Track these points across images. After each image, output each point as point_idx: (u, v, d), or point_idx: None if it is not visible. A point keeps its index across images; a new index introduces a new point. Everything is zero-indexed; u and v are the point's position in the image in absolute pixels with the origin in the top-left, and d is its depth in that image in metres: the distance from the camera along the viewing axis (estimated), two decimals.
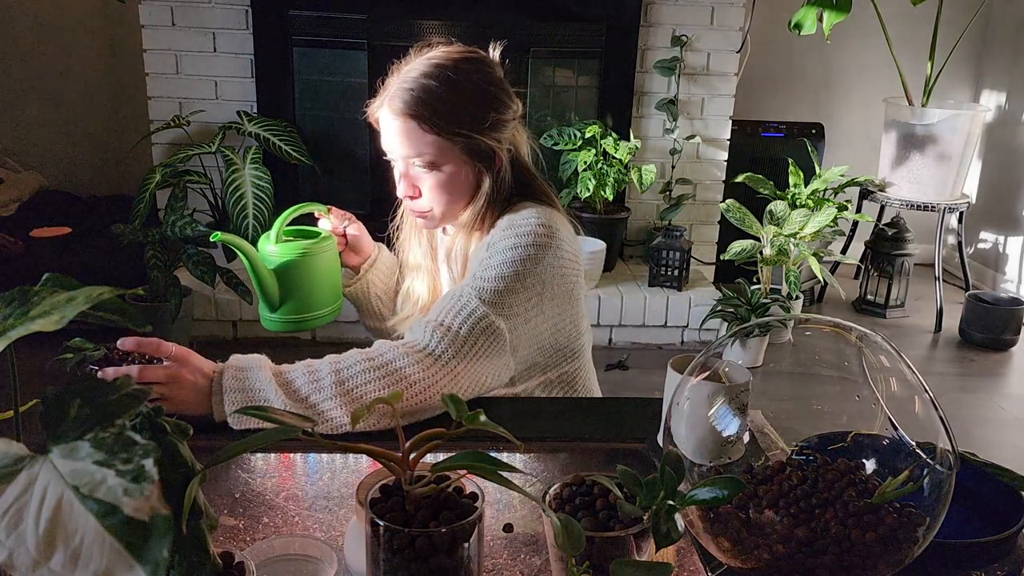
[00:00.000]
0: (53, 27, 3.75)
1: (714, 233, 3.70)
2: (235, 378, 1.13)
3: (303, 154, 3.24)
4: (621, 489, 0.79)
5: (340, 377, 1.11)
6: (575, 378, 1.37)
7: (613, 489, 0.78)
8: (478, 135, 1.27)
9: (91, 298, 0.50)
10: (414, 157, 1.28)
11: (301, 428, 0.66)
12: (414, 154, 1.27)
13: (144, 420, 0.56)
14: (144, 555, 0.43)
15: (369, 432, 1.10)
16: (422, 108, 1.25)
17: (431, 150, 1.26)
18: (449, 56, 1.28)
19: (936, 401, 0.80)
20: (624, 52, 3.43)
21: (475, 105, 1.27)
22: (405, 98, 1.25)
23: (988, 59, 4.08)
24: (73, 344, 1.06)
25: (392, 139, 1.28)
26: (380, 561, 0.67)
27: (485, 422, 0.70)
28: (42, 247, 3.27)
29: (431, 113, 1.25)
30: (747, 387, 0.95)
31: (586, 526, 0.74)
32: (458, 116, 1.26)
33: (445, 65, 1.27)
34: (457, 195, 1.31)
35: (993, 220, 4.06)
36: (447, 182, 1.29)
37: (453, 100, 1.26)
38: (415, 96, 1.25)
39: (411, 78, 1.26)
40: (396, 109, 1.26)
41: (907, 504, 0.79)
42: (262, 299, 1.32)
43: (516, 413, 1.26)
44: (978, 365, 3.33)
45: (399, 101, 1.25)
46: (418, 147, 1.26)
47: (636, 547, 0.75)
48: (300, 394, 1.11)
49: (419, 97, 1.25)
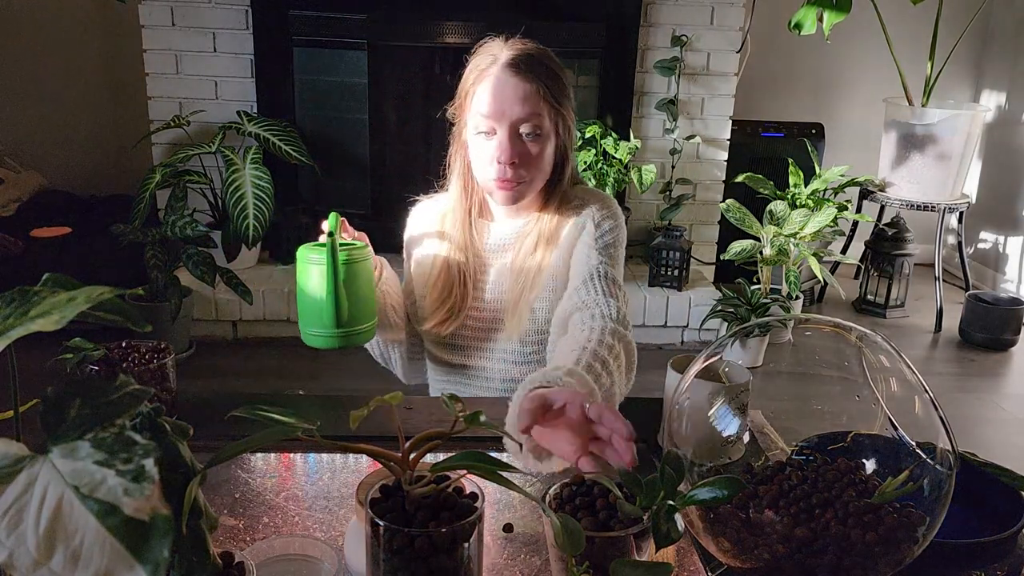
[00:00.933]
0: (53, 27, 3.75)
1: (714, 233, 3.70)
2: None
3: (303, 154, 3.24)
4: (621, 489, 0.79)
5: (606, 368, 1.08)
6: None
7: (613, 489, 0.78)
8: (572, 113, 1.35)
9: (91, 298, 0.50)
10: (527, 121, 1.29)
11: (300, 428, 0.66)
12: (529, 116, 1.28)
13: (144, 420, 0.56)
14: (144, 555, 0.43)
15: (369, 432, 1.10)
16: (542, 73, 1.29)
17: (543, 116, 1.30)
18: (546, 48, 1.36)
19: (936, 401, 0.80)
20: (624, 52, 3.43)
21: (567, 84, 1.35)
22: (528, 60, 1.29)
23: (988, 59, 4.08)
24: (73, 344, 1.06)
25: (508, 99, 1.28)
26: (380, 561, 0.67)
27: (485, 422, 0.70)
28: (42, 247, 3.27)
29: (549, 80, 1.30)
30: (747, 387, 0.95)
31: (586, 526, 0.74)
32: (565, 90, 1.33)
33: (540, 46, 1.34)
34: (549, 170, 1.36)
35: (993, 220, 4.06)
36: (549, 154, 1.34)
37: (561, 74, 1.33)
38: (535, 61, 1.29)
39: (523, 47, 1.31)
40: (517, 70, 1.28)
41: (907, 504, 0.79)
42: (326, 313, 1.18)
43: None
44: (978, 365, 3.33)
45: (522, 63, 1.28)
46: (534, 110, 1.28)
47: (636, 547, 0.75)
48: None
49: (538, 63, 1.30)
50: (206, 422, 1.11)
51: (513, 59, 1.28)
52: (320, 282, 1.17)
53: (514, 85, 1.27)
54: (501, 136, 1.29)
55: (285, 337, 3.22)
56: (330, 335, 1.19)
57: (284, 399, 1.50)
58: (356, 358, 1.64)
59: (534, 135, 1.29)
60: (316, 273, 1.17)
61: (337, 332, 1.19)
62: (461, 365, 1.43)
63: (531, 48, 1.32)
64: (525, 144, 1.30)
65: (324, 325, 1.19)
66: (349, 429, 0.66)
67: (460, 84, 1.35)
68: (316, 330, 1.20)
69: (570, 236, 1.36)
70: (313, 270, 1.18)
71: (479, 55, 1.33)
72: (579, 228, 1.36)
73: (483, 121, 1.29)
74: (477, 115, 1.30)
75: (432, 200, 1.48)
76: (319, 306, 1.18)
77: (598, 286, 1.27)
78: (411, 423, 1.17)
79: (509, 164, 1.29)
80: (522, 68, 1.28)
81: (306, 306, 1.20)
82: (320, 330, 1.19)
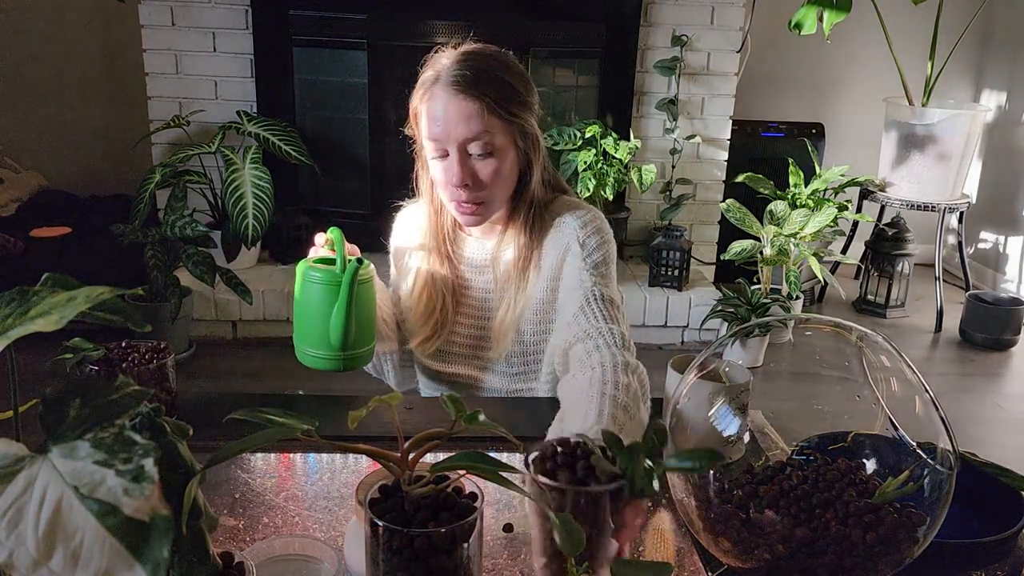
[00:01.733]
0: (53, 27, 3.75)
1: (714, 233, 3.70)
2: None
3: (303, 154, 3.24)
4: (604, 452, 0.78)
5: (628, 413, 1.01)
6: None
7: (595, 451, 0.78)
8: (531, 119, 1.27)
9: (91, 298, 0.50)
10: (475, 140, 1.22)
11: (300, 428, 0.66)
12: (477, 135, 1.21)
13: (144, 420, 0.56)
14: (144, 555, 0.43)
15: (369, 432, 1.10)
16: (486, 87, 1.21)
17: (494, 132, 1.22)
18: (488, 46, 1.28)
19: (936, 401, 0.80)
20: (624, 52, 3.43)
21: (525, 89, 1.26)
22: (468, 77, 1.20)
23: (988, 59, 4.08)
24: (73, 344, 1.06)
25: (451, 121, 1.21)
26: (379, 561, 0.67)
27: (484, 422, 0.70)
28: (42, 247, 3.27)
29: (496, 92, 1.22)
30: (747, 387, 0.95)
31: (563, 479, 0.73)
32: (516, 97, 1.24)
33: (492, 51, 1.27)
34: (511, 185, 1.29)
35: (993, 220, 4.06)
36: (506, 170, 1.26)
37: (511, 81, 1.24)
38: (478, 75, 1.21)
39: (467, 60, 1.22)
40: (458, 88, 1.20)
41: (907, 504, 0.79)
42: (333, 336, 1.14)
43: (515, 413, 1.26)
44: (978, 365, 3.33)
45: (461, 80, 1.20)
46: (481, 128, 1.21)
47: (612, 505, 0.74)
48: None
49: (481, 76, 1.21)
50: (206, 422, 1.11)
51: (454, 77, 1.21)
52: (325, 304, 1.13)
53: (457, 105, 1.20)
54: (451, 158, 1.23)
55: (285, 337, 3.21)
56: (332, 358, 1.16)
57: (284, 399, 1.50)
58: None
59: (485, 154, 1.23)
60: (321, 293, 1.14)
61: (342, 355, 1.16)
62: (451, 374, 1.41)
63: (477, 58, 1.23)
64: (476, 164, 1.23)
65: (329, 348, 1.15)
66: (349, 429, 0.66)
67: (410, 101, 1.29)
68: (317, 352, 1.16)
69: (553, 259, 1.30)
70: (317, 290, 1.14)
71: (426, 68, 1.27)
72: (562, 250, 1.29)
73: (432, 144, 1.24)
74: (428, 140, 1.25)
75: (417, 206, 1.43)
76: (322, 328, 1.14)
77: (596, 311, 1.22)
78: (411, 423, 1.17)
79: (462, 187, 1.23)
80: (463, 85, 1.20)
81: (308, 326, 1.16)
82: (322, 352, 1.16)
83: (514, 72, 1.26)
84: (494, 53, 1.27)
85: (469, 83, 1.20)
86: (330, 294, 1.13)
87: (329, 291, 1.13)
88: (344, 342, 1.14)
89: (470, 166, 1.23)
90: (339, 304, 1.12)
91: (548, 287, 1.31)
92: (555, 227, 1.31)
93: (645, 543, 0.97)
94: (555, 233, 1.31)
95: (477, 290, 1.38)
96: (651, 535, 0.99)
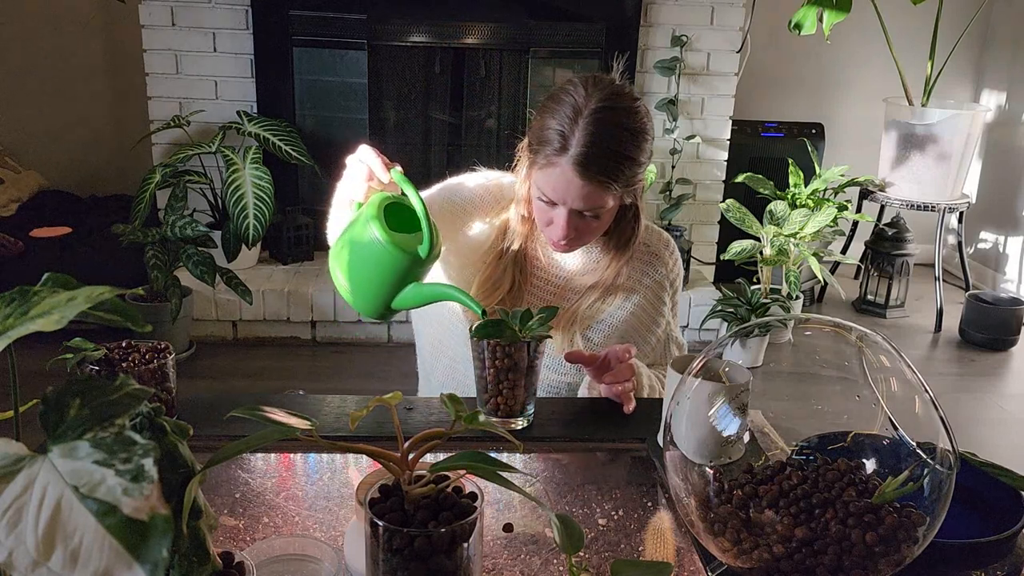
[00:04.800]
0: (54, 27, 3.75)
1: (714, 233, 3.70)
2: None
3: (303, 154, 3.24)
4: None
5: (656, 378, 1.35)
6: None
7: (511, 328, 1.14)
8: (642, 177, 1.28)
9: (91, 298, 0.50)
10: (589, 210, 1.23)
11: (300, 428, 0.66)
12: (591, 209, 1.23)
13: (144, 420, 0.56)
14: (143, 555, 0.43)
15: (369, 432, 1.11)
16: (613, 172, 1.20)
17: (608, 202, 1.23)
18: (621, 99, 1.22)
19: (936, 401, 0.80)
20: (624, 52, 3.43)
21: (647, 152, 1.25)
22: (596, 159, 1.18)
23: (988, 59, 4.08)
24: (73, 344, 1.06)
25: (570, 194, 1.20)
26: (379, 561, 0.67)
27: (484, 422, 0.70)
28: (42, 247, 3.27)
29: (619, 175, 1.21)
30: (747, 387, 0.94)
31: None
32: (636, 170, 1.24)
33: (623, 112, 1.21)
34: (607, 227, 1.32)
35: (993, 220, 4.06)
36: (607, 221, 1.29)
37: (635, 156, 1.22)
38: (606, 157, 1.19)
39: (600, 137, 1.18)
40: (583, 170, 1.18)
41: (907, 504, 0.79)
42: (386, 299, 1.09)
43: None
44: (978, 365, 3.33)
45: (589, 164, 1.18)
46: (598, 204, 1.22)
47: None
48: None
49: (610, 159, 1.19)
50: (206, 422, 1.11)
51: (581, 156, 1.18)
52: (392, 273, 1.06)
53: (579, 185, 1.19)
54: (559, 212, 1.23)
55: (285, 337, 3.22)
56: (372, 311, 1.12)
57: (284, 399, 1.50)
58: (355, 358, 1.64)
59: (594, 216, 1.24)
60: (394, 263, 1.06)
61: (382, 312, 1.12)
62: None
63: (608, 129, 1.18)
64: (584, 220, 1.25)
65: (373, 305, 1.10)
66: (349, 429, 0.66)
67: (528, 137, 1.27)
68: (372, 303, 1.11)
69: (641, 288, 1.39)
70: (392, 259, 1.05)
71: (551, 115, 1.21)
72: (652, 283, 1.39)
73: (544, 195, 1.24)
74: (539, 187, 1.24)
75: (501, 178, 1.41)
76: (377, 289, 1.08)
77: (666, 352, 1.43)
78: (411, 423, 1.17)
79: (564, 239, 1.25)
80: (590, 167, 1.18)
81: (370, 277, 1.08)
82: (377, 304, 1.11)
83: (639, 139, 1.22)
84: (624, 120, 1.21)
85: (600, 166, 1.18)
86: (404, 260, 1.05)
87: (404, 257, 1.05)
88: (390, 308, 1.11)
89: (576, 223, 1.25)
90: (413, 288, 1.07)
91: (633, 314, 1.39)
92: (644, 259, 1.40)
93: (645, 543, 0.97)
94: (645, 265, 1.40)
95: (547, 295, 1.39)
96: (651, 535, 0.99)
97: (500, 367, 1.13)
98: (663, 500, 1.05)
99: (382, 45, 3.30)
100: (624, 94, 1.24)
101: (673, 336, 1.44)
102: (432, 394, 1.48)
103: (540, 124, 1.23)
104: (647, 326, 1.40)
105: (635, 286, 1.39)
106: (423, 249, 1.06)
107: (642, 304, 1.39)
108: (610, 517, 1.01)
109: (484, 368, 1.14)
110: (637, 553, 0.95)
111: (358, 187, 1.14)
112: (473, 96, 3.54)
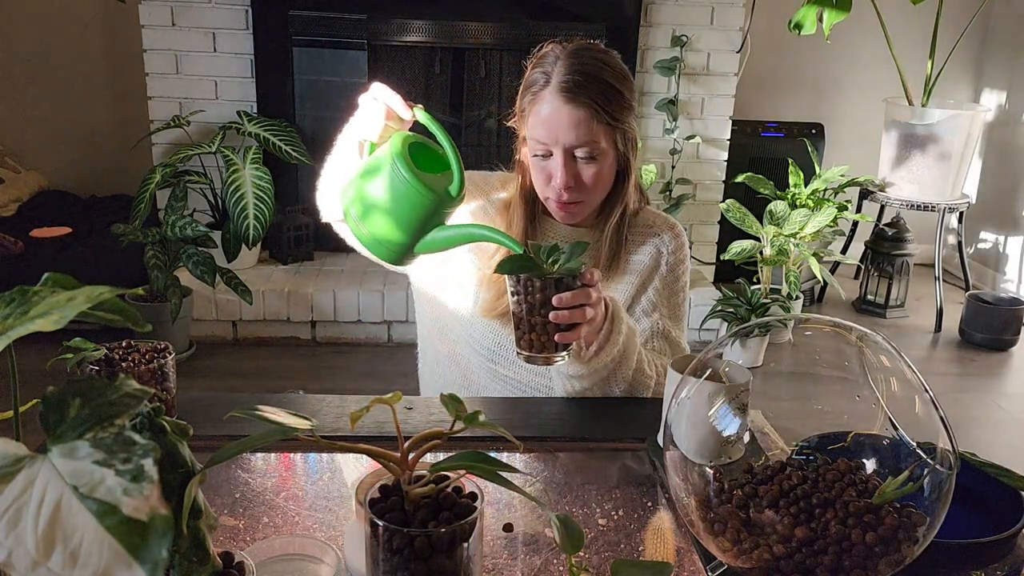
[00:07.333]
0: (54, 27, 3.75)
1: (714, 233, 3.70)
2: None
3: (303, 154, 3.24)
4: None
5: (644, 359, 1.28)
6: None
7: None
8: (632, 122, 1.29)
9: (91, 298, 0.50)
10: (582, 147, 1.24)
11: (299, 429, 0.66)
12: (585, 143, 1.24)
13: (144, 420, 0.56)
14: (143, 555, 0.43)
15: (369, 432, 1.10)
16: (595, 93, 1.22)
17: (600, 139, 1.25)
18: (595, 46, 1.28)
19: (936, 401, 0.80)
20: (624, 52, 3.42)
21: (628, 92, 1.28)
22: (578, 82, 1.21)
23: (988, 59, 4.08)
24: (73, 344, 1.06)
25: (559, 126, 1.23)
26: (379, 561, 0.67)
27: (485, 422, 0.70)
28: (42, 247, 3.27)
29: (603, 99, 1.23)
30: (747, 387, 0.94)
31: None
32: (620, 102, 1.26)
33: (599, 53, 1.26)
34: (608, 186, 1.32)
35: (993, 220, 4.06)
36: (606, 173, 1.29)
37: (617, 85, 1.25)
38: (586, 81, 1.22)
39: (575, 64, 1.23)
40: (567, 96, 1.21)
41: (907, 504, 0.79)
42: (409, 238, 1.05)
43: (515, 413, 1.26)
44: (978, 365, 3.33)
45: (571, 86, 1.21)
46: (589, 136, 1.23)
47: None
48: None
49: (590, 82, 1.22)
50: (206, 422, 1.11)
51: (565, 82, 1.22)
52: (429, 206, 1.03)
53: (567, 112, 1.22)
54: (556, 159, 1.25)
55: (285, 337, 3.22)
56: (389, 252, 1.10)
57: (284, 399, 1.50)
58: (355, 358, 1.64)
59: (589, 157, 1.25)
60: (429, 196, 1.03)
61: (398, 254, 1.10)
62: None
63: (587, 60, 1.24)
64: (580, 166, 1.26)
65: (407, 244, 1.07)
66: (349, 429, 0.66)
67: (518, 97, 1.31)
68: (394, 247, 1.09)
69: (640, 268, 1.37)
70: (422, 192, 1.03)
71: (535, 67, 1.27)
72: (651, 262, 1.37)
73: (538, 145, 1.26)
74: (532, 139, 1.27)
75: (503, 177, 1.43)
76: (412, 228, 1.04)
77: (653, 346, 1.36)
78: (411, 423, 1.17)
79: (565, 188, 1.26)
80: (574, 91, 1.21)
81: (394, 220, 1.04)
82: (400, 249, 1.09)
83: (619, 74, 1.27)
84: (601, 56, 1.27)
85: (582, 87, 1.22)
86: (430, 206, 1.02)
87: (431, 197, 1.02)
88: (412, 248, 1.08)
89: (574, 168, 1.26)
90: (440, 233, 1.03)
91: (629, 294, 1.37)
92: (643, 239, 1.39)
93: (645, 543, 0.97)
94: (643, 245, 1.38)
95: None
96: (651, 535, 0.99)
97: (532, 303, 1.08)
98: (663, 500, 1.05)
99: (382, 45, 3.29)
100: (599, 46, 1.29)
101: (662, 329, 1.37)
102: (432, 380, 1.49)
103: (525, 79, 1.29)
104: (642, 305, 1.38)
105: (627, 262, 1.38)
106: (454, 188, 1.04)
107: (636, 278, 1.38)
108: (610, 517, 1.01)
109: (519, 306, 1.09)
110: (637, 553, 0.95)
111: (374, 127, 1.12)
112: (473, 96, 3.54)
